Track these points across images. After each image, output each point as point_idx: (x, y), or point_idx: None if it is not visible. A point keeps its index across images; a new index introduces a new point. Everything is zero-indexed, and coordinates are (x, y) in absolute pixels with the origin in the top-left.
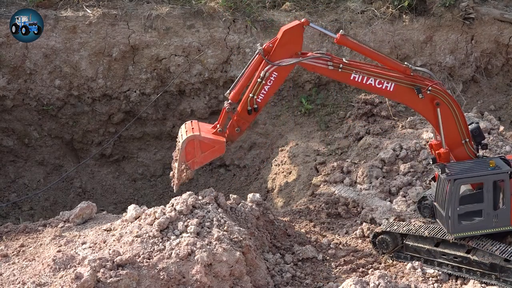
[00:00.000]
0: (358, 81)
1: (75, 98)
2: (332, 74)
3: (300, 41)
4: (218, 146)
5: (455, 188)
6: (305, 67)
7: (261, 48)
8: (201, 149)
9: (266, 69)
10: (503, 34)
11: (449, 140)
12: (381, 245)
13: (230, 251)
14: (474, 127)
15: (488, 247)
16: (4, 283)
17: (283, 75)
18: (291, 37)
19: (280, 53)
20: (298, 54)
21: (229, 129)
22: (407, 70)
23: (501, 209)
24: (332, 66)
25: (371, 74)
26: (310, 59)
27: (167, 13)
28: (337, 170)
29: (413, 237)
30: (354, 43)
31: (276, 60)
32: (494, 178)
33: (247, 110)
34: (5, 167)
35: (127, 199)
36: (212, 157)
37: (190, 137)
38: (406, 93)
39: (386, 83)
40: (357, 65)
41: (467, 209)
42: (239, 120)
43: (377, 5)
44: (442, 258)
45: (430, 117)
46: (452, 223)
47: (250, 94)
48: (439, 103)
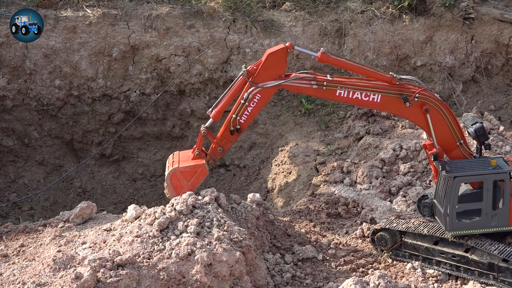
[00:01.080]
0: (344, 97)
1: (75, 98)
2: (317, 93)
3: (284, 64)
4: (200, 169)
5: (454, 186)
6: (288, 89)
7: (245, 70)
8: (185, 178)
9: (250, 91)
10: (503, 34)
11: (444, 143)
12: (380, 242)
13: (230, 251)
14: (478, 127)
15: (486, 246)
16: (4, 283)
17: (266, 97)
18: (275, 60)
19: (264, 75)
20: (281, 77)
21: (212, 150)
22: (393, 80)
23: (500, 209)
24: (316, 85)
25: (357, 88)
26: (292, 80)
27: (167, 13)
28: (337, 170)
29: (412, 235)
30: (335, 60)
31: (259, 82)
32: (494, 178)
33: (230, 131)
34: (5, 167)
35: (127, 199)
36: (198, 181)
37: (170, 172)
38: (394, 102)
39: (373, 95)
40: (342, 81)
41: (466, 207)
42: (221, 140)
43: (377, 5)
44: (441, 257)
45: (421, 123)
46: (450, 221)
47: (233, 115)
48: (428, 109)
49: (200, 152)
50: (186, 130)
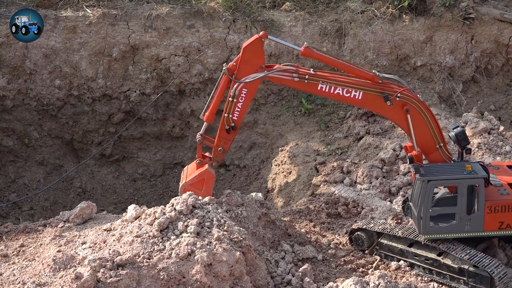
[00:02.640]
0: (325, 91)
1: (75, 98)
2: (299, 86)
3: (261, 54)
4: (206, 175)
5: (428, 189)
6: (271, 80)
7: (225, 68)
8: (197, 189)
9: (235, 87)
10: (503, 34)
11: (423, 145)
12: (357, 242)
13: (230, 251)
14: (459, 131)
15: (458, 251)
16: (4, 283)
17: (253, 89)
18: (252, 52)
19: (245, 69)
20: (262, 68)
21: (214, 152)
22: (375, 78)
23: (475, 214)
24: (298, 77)
25: (339, 84)
26: (275, 72)
27: (167, 13)
28: (337, 170)
29: (388, 236)
30: (319, 55)
31: (242, 77)
32: (469, 183)
33: (226, 130)
34: (5, 167)
35: (127, 199)
36: (209, 186)
37: (181, 189)
38: (375, 101)
39: (354, 92)
40: (324, 75)
41: (440, 211)
42: (220, 141)
43: (377, 5)
44: (414, 259)
45: (401, 123)
46: (424, 224)
47: (225, 114)
48: (408, 109)
49: (201, 160)
50: (186, 130)
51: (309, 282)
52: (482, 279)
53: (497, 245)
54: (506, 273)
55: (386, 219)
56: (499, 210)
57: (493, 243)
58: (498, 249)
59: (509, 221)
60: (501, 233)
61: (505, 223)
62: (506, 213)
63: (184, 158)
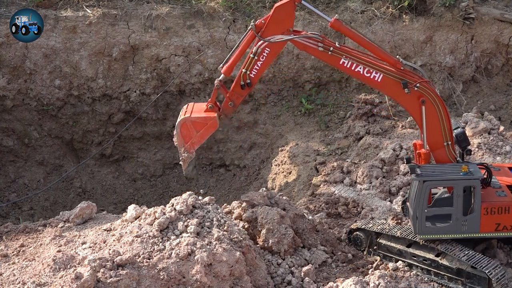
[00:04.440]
0: (347, 67)
1: (75, 98)
2: (322, 56)
3: (292, 17)
4: (210, 122)
5: (424, 190)
6: (296, 45)
7: (253, 24)
8: (195, 129)
9: (259, 44)
10: (503, 34)
11: (431, 140)
12: (355, 242)
13: (230, 251)
14: (460, 132)
15: (456, 252)
16: (4, 283)
17: (275, 50)
18: (283, 13)
19: (272, 29)
20: (290, 31)
21: (224, 104)
22: (398, 64)
23: (471, 215)
24: (323, 48)
25: (361, 62)
26: (301, 37)
27: (167, 13)
28: (337, 170)
29: (386, 236)
30: (347, 29)
31: (268, 36)
32: (464, 184)
33: (240, 85)
34: (5, 167)
35: (127, 199)
36: (207, 133)
37: (181, 120)
38: (393, 86)
39: (375, 73)
40: (348, 50)
41: (435, 211)
42: (232, 95)
43: (377, 5)
44: (413, 260)
45: (414, 113)
46: (420, 224)
47: (243, 70)
48: (424, 101)
49: (213, 105)
50: None
51: (309, 282)
52: (480, 280)
53: (496, 245)
54: (504, 274)
55: (386, 219)
56: (496, 212)
57: (492, 243)
58: (497, 249)
59: (505, 223)
60: (497, 234)
61: (502, 224)
62: (502, 215)
63: None
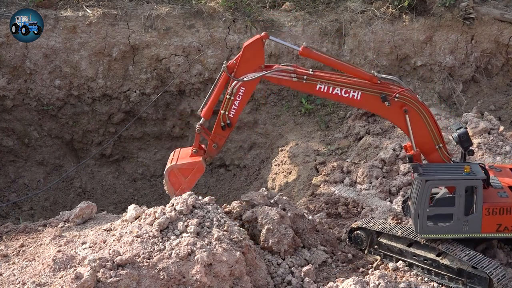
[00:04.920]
0: (324, 91)
1: (75, 98)
2: (297, 86)
3: (261, 54)
4: (196, 167)
5: (426, 189)
6: (270, 80)
7: (225, 66)
8: (183, 175)
9: (233, 85)
10: (503, 34)
11: (423, 146)
12: (356, 241)
13: (230, 251)
14: (462, 132)
15: (457, 252)
16: (4, 283)
17: (250, 89)
18: (252, 51)
19: (244, 68)
20: (261, 68)
21: (208, 147)
22: (374, 78)
23: (473, 215)
24: (296, 77)
25: (337, 84)
26: (274, 72)
27: (167, 13)
28: (337, 170)
29: (387, 236)
30: (317, 55)
31: (241, 76)
32: (466, 184)
33: (221, 126)
34: (5, 167)
35: (127, 199)
36: (195, 178)
37: (168, 169)
38: (373, 101)
39: (353, 92)
40: (322, 75)
41: (437, 211)
42: (215, 137)
43: (377, 5)
44: (413, 259)
45: (399, 124)
46: (421, 224)
47: (221, 111)
48: (407, 110)
49: (197, 150)
50: (186, 130)
51: (309, 282)
52: (481, 281)
53: (496, 245)
54: (505, 275)
55: (386, 219)
56: (497, 212)
57: (492, 243)
58: (497, 249)
59: (507, 224)
60: (499, 235)
61: (503, 225)
62: (504, 216)
63: None
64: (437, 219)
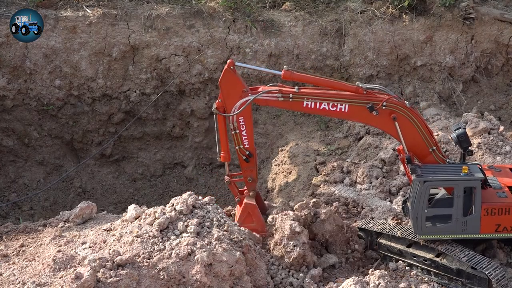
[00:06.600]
0: (311, 108)
1: (75, 98)
2: (284, 105)
3: (237, 81)
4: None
5: (424, 190)
6: (258, 103)
7: (215, 108)
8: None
9: (231, 121)
10: (503, 34)
11: (416, 150)
12: None
13: (230, 251)
14: (460, 133)
15: (456, 253)
16: (4, 283)
17: (248, 115)
18: (228, 83)
19: (230, 102)
20: (245, 92)
21: (245, 184)
22: (359, 89)
23: (471, 216)
24: (282, 97)
25: (323, 99)
26: (260, 95)
27: (167, 13)
28: (337, 170)
29: (387, 236)
30: (299, 75)
31: (231, 109)
32: (465, 184)
33: (244, 160)
34: (5, 167)
35: (127, 199)
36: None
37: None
38: (361, 112)
39: (340, 105)
40: (308, 92)
41: (436, 212)
42: (245, 172)
43: (377, 5)
44: (413, 260)
45: (390, 131)
46: (420, 225)
47: (236, 147)
48: (396, 117)
49: (239, 198)
50: (186, 130)
51: (309, 283)
52: (480, 281)
53: (496, 245)
54: (504, 275)
55: (386, 219)
56: (496, 213)
57: (492, 244)
58: (497, 249)
59: (506, 224)
60: (498, 236)
61: (502, 226)
62: (503, 216)
63: (184, 158)
64: (435, 220)
